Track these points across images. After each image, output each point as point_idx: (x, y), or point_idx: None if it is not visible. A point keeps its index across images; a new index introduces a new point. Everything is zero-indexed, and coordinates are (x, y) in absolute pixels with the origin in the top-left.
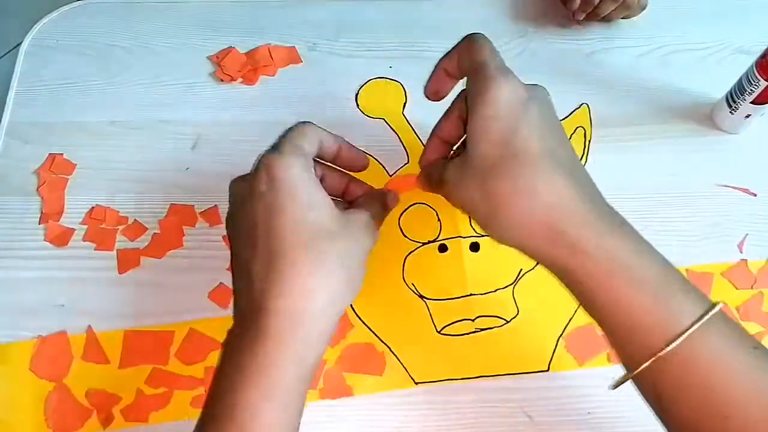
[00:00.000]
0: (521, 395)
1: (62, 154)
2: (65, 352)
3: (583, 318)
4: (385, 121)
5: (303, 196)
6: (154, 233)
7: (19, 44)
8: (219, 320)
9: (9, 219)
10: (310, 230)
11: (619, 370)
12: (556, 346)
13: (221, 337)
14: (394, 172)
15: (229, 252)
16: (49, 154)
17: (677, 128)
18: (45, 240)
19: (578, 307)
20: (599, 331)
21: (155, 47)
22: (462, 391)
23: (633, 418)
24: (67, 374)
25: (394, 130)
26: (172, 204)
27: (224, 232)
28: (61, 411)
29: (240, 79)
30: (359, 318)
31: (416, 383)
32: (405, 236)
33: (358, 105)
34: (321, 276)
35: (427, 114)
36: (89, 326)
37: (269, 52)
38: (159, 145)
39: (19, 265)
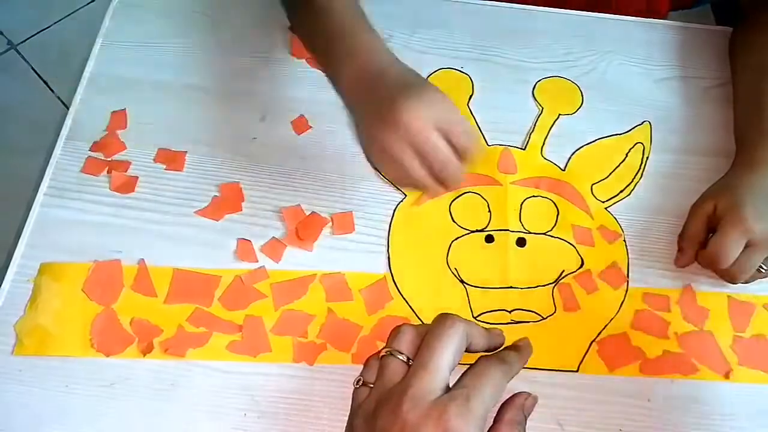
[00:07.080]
0: (549, 390)
1: (136, 108)
2: (117, 280)
3: (618, 326)
4: None
5: None
6: (214, 196)
7: None
8: (264, 273)
9: (80, 163)
10: None
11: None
12: (588, 350)
13: (266, 291)
14: None
15: (284, 223)
16: (124, 107)
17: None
18: (110, 189)
19: (615, 314)
20: (634, 342)
21: (234, 19)
22: None
23: None
24: (116, 300)
25: None
26: (236, 170)
27: (281, 203)
28: (106, 333)
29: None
30: (399, 292)
31: None
32: (454, 221)
33: None
34: None
35: (489, 113)
36: (142, 259)
37: None
38: (229, 112)
39: (85, 208)
